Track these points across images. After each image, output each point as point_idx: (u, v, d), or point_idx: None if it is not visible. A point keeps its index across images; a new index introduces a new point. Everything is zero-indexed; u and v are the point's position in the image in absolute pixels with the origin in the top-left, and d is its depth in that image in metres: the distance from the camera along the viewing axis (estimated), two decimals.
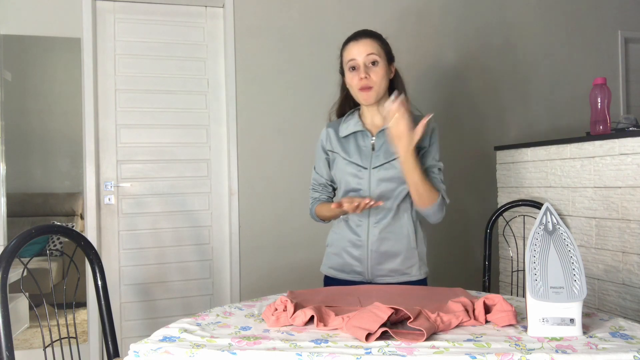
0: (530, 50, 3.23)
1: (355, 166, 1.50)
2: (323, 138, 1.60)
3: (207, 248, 2.79)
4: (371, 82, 1.45)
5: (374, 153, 1.49)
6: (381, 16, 2.91)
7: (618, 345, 0.90)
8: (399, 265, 1.50)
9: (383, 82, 1.48)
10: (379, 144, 1.50)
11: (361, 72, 1.45)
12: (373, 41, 1.48)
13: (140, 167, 2.70)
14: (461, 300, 1.11)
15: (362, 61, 1.46)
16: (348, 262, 1.53)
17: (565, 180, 2.13)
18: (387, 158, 1.47)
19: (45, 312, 1.43)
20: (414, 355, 0.88)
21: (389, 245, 1.49)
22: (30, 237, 1.33)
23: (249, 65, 2.76)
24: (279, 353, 0.89)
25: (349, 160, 1.51)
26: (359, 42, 1.47)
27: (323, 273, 1.63)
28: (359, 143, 1.52)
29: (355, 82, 1.47)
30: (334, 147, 1.55)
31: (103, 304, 1.51)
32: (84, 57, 2.57)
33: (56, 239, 2.63)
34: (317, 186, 1.64)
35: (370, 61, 1.46)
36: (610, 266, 1.93)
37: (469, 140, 3.08)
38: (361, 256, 1.50)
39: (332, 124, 1.61)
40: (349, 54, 1.49)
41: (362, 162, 1.49)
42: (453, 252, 3.02)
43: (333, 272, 1.57)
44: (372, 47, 1.46)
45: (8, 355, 1.18)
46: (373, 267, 1.49)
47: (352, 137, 1.53)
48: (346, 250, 1.53)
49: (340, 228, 1.57)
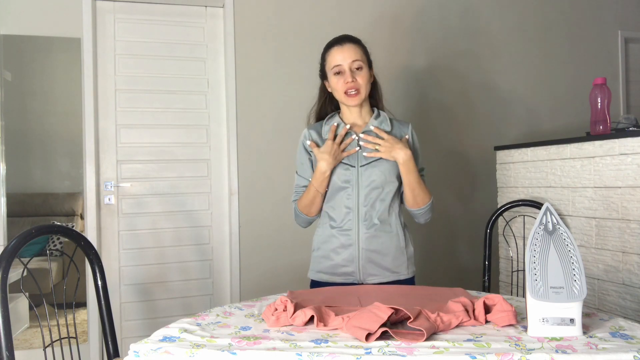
0: (530, 50, 3.24)
1: (342, 165, 1.51)
2: (304, 139, 1.59)
3: (207, 248, 2.79)
4: (357, 85, 1.50)
5: (359, 151, 1.51)
6: (381, 16, 2.91)
7: (618, 345, 0.90)
8: (389, 264, 1.51)
9: (368, 86, 1.53)
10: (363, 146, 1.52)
11: (348, 76, 1.49)
12: (357, 47, 1.53)
13: (140, 167, 2.70)
14: (461, 300, 1.11)
15: (348, 66, 1.50)
16: (338, 263, 1.52)
17: (565, 180, 2.13)
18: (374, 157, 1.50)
19: (45, 312, 1.43)
20: (414, 355, 0.88)
21: (379, 244, 1.50)
22: (30, 237, 1.33)
23: (249, 65, 2.76)
24: (279, 353, 0.89)
25: None
26: (344, 48, 1.51)
27: (310, 278, 1.60)
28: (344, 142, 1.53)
29: (340, 86, 1.51)
30: None
31: (103, 304, 1.51)
32: (84, 57, 2.57)
33: (56, 239, 2.63)
34: (302, 188, 1.61)
35: (356, 67, 1.50)
36: (610, 266, 1.93)
37: (469, 140, 3.08)
38: (351, 256, 1.50)
39: (312, 126, 1.62)
40: (333, 59, 1.52)
41: (349, 161, 1.51)
42: (453, 252, 3.02)
43: (323, 275, 1.55)
44: (356, 53, 1.51)
45: (8, 355, 1.18)
46: (364, 266, 1.49)
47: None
48: (336, 251, 1.52)
49: (326, 230, 1.55)
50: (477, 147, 3.07)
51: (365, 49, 1.56)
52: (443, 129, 3.03)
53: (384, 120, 1.56)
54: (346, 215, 1.50)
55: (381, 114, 1.58)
